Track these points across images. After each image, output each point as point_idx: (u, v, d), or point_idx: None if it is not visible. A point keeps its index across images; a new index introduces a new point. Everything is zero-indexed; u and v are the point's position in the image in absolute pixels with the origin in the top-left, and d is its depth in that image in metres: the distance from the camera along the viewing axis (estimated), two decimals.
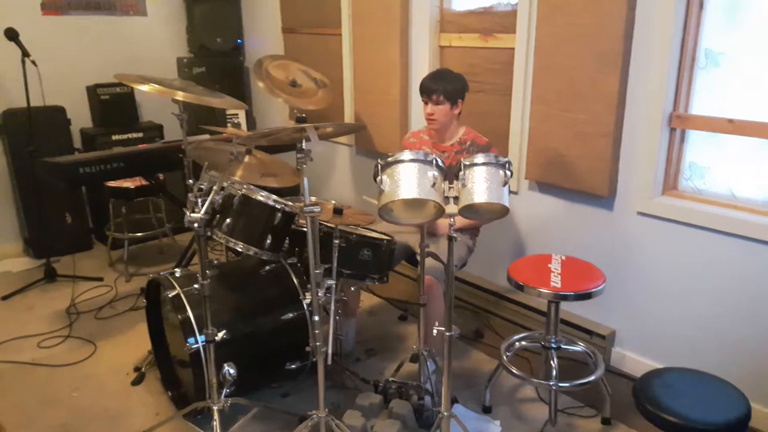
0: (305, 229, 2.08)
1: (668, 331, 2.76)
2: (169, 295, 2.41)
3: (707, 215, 2.53)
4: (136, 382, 2.86)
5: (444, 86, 2.72)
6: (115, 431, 2.53)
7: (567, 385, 2.43)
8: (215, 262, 2.89)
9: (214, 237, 2.36)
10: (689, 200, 2.65)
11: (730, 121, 2.47)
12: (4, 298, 3.73)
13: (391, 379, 2.59)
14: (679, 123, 2.62)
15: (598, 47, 2.67)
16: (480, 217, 2.04)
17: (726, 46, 2.48)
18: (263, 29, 4.89)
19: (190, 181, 2.90)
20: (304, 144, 2.04)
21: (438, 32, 3.54)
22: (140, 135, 4.53)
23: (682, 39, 2.53)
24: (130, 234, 4.09)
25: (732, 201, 2.56)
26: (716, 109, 2.54)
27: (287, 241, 2.59)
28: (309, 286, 2.17)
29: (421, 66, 3.60)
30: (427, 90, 2.75)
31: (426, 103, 2.78)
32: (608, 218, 2.89)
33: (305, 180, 2.05)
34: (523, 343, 2.73)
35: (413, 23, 3.61)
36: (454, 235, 1.97)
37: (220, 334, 2.26)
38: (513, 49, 3.12)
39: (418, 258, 2.45)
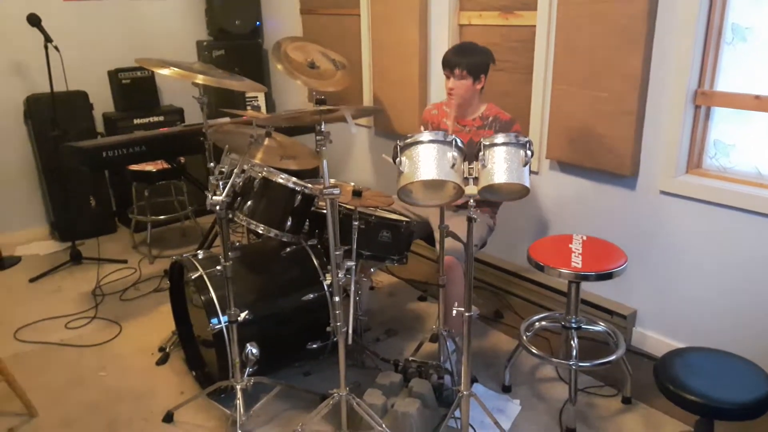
0: (325, 211, 2.09)
1: (690, 310, 2.74)
2: (192, 277, 2.44)
3: (732, 193, 2.49)
4: (160, 362, 2.91)
5: (467, 60, 2.64)
6: (142, 410, 2.59)
7: (587, 364, 2.42)
8: (237, 244, 2.92)
9: (236, 219, 2.39)
10: (714, 179, 2.61)
11: (757, 97, 2.41)
12: (32, 280, 3.81)
13: (411, 358, 2.61)
14: (704, 100, 2.57)
15: (621, 23, 2.62)
16: (500, 197, 2.03)
17: (753, 21, 2.42)
18: (282, 11, 4.88)
19: (211, 164, 2.91)
20: (324, 126, 2.04)
21: (458, 10, 3.50)
22: (161, 119, 4.57)
23: (708, 14, 2.47)
24: (153, 217, 4.14)
25: (758, 179, 2.51)
26: (742, 86, 2.48)
27: (307, 223, 2.60)
28: (329, 267, 2.18)
29: (441, 45, 3.57)
30: (449, 64, 2.68)
31: (448, 77, 2.71)
32: (630, 198, 2.85)
33: (324, 162, 2.06)
34: (543, 323, 2.72)
35: (432, 2, 3.57)
36: (474, 215, 1.96)
37: (243, 315, 2.30)
38: (534, 26, 3.07)
39: (436, 237, 2.45)
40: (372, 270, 3.10)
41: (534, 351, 2.52)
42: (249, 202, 2.38)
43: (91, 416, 2.56)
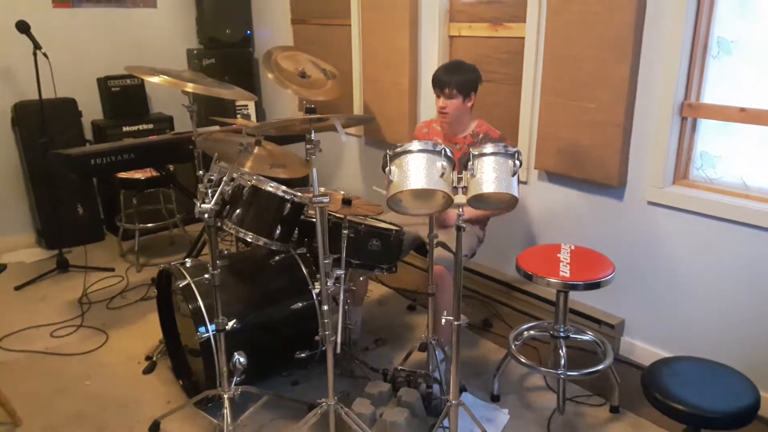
0: (314, 220, 2.10)
1: (678, 320, 2.76)
2: (180, 285, 2.43)
3: (718, 205, 2.52)
4: (147, 370, 2.89)
5: (457, 79, 2.68)
6: (128, 419, 2.56)
7: (575, 374, 2.43)
8: (225, 252, 2.91)
9: (224, 227, 2.38)
10: (700, 190, 2.64)
11: (742, 109, 2.45)
12: (18, 288, 3.77)
13: (399, 367, 2.61)
14: (691, 112, 2.60)
15: (609, 36, 2.65)
16: (489, 207, 2.04)
17: (738, 35, 2.45)
18: (272, 20, 4.89)
19: (200, 172, 2.92)
20: (313, 135, 2.05)
21: (447, 22, 3.53)
22: (150, 126, 4.56)
23: (694, 27, 2.51)
24: (141, 225, 4.13)
25: (743, 190, 2.54)
26: (728, 98, 2.52)
27: (296, 232, 2.60)
28: (318, 276, 2.18)
29: (431, 56, 3.59)
30: (439, 83, 2.71)
31: (438, 96, 2.75)
32: (618, 208, 2.88)
33: (314, 171, 2.06)
34: (532, 332, 2.73)
35: (423, 13, 3.60)
36: (463, 225, 1.97)
37: (231, 324, 2.29)
38: (523, 38, 3.10)
39: (428, 247, 2.45)
40: (361, 278, 3.10)
41: (522, 360, 2.53)
42: (238, 211, 2.37)
43: (76, 425, 2.53)
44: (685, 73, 2.56)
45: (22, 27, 3.58)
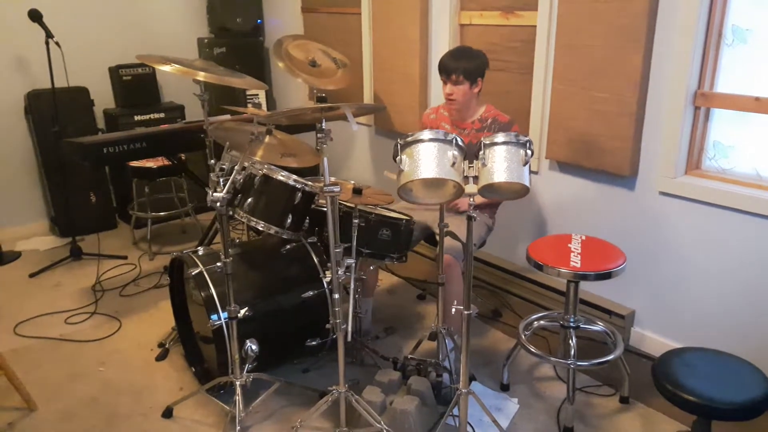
0: (325, 209, 2.10)
1: (689, 311, 2.75)
2: (193, 273, 2.45)
3: (731, 195, 2.50)
4: (160, 357, 2.92)
5: (463, 65, 2.67)
6: (141, 405, 2.60)
7: (585, 364, 2.43)
8: (237, 240, 2.93)
9: (236, 216, 2.40)
10: (713, 180, 2.62)
11: (757, 99, 2.42)
12: (32, 275, 3.82)
13: (409, 356, 2.62)
14: (704, 101, 2.58)
15: (621, 24, 2.63)
16: (500, 196, 2.03)
17: (754, 23, 2.42)
18: (283, 9, 4.88)
19: (212, 161, 2.93)
20: (324, 124, 2.05)
21: (458, 10, 3.50)
22: (162, 115, 4.58)
23: (709, 15, 2.48)
24: (153, 213, 4.15)
25: (757, 180, 2.52)
26: (742, 87, 2.49)
27: (307, 221, 2.61)
28: (329, 264, 2.19)
29: (441, 44, 3.57)
30: (445, 69, 2.71)
31: (445, 83, 2.74)
32: (630, 198, 2.86)
33: (325, 160, 2.07)
34: (542, 322, 2.73)
35: (433, 1, 3.57)
36: (473, 214, 1.97)
37: (243, 311, 2.31)
38: (534, 26, 3.08)
39: (437, 237, 2.46)
40: (371, 267, 3.11)
41: (532, 350, 2.53)
42: (249, 199, 2.39)
43: (90, 411, 2.56)
44: (698, 62, 2.53)
45: (35, 15, 3.59)
